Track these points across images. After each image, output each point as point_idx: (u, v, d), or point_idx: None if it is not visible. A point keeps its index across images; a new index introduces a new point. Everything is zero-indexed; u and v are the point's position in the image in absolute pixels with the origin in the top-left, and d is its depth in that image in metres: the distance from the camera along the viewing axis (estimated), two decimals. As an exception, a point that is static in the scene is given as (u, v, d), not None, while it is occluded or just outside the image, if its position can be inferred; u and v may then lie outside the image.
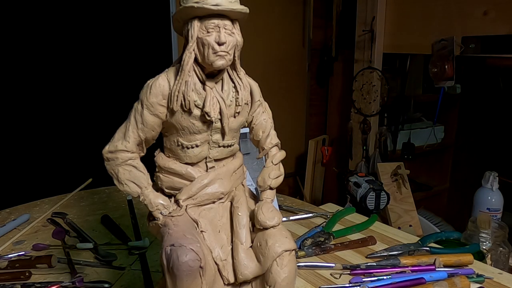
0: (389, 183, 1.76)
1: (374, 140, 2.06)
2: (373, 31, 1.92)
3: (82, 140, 1.45)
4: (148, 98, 0.43)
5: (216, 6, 0.39)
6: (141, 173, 0.46)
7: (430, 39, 1.70)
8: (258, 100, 0.49)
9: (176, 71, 0.43)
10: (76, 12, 1.41)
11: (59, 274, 0.69)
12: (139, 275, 0.69)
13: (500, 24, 1.48)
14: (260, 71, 2.03)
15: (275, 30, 2.11)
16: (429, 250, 0.76)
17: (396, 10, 1.90)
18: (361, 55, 2.01)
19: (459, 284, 0.63)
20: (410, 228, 1.63)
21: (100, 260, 0.72)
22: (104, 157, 0.46)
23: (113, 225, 0.87)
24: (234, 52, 0.43)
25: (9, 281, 0.66)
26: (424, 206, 1.90)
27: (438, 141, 2.12)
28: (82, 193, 1.07)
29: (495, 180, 1.45)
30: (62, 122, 1.44)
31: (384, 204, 1.50)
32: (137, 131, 0.45)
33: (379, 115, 2.04)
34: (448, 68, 1.63)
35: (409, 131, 2.07)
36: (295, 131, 2.32)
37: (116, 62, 1.51)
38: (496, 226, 1.02)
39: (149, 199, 0.46)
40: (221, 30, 0.41)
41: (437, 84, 1.72)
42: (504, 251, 0.98)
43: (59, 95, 1.42)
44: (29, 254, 0.74)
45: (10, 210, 0.97)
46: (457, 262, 0.71)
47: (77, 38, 1.42)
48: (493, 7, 1.51)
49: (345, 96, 2.22)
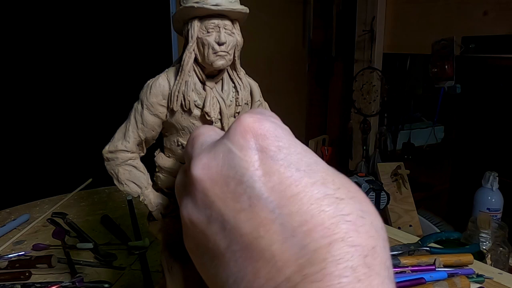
0: (389, 183, 1.76)
1: (374, 140, 2.06)
2: (373, 31, 1.92)
3: (82, 140, 1.45)
4: (148, 98, 0.43)
5: (216, 6, 0.40)
6: (141, 173, 0.46)
7: (430, 39, 1.70)
8: (258, 100, 0.49)
9: (176, 71, 0.44)
10: (76, 12, 1.41)
11: (59, 274, 0.69)
12: (139, 275, 0.69)
13: (500, 24, 1.48)
14: (260, 71, 2.03)
15: (275, 30, 2.11)
16: (429, 250, 0.76)
17: (396, 10, 1.90)
18: (361, 55, 2.02)
19: (459, 284, 0.63)
20: (410, 228, 1.64)
21: (100, 260, 0.72)
22: (104, 157, 0.46)
23: (113, 225, 0.87)
24: (234, 52, 0.43)
25: (9, 281, 0.66)
26: (424, 206, 1.90)
27: (438, 141, 2.12)
28: (82, 193, 1.07)
29: (495, 180, 1.45)
30: (62, 122, 1.44)
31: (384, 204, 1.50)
32: (137, 131, 0.45)
33: (379, 115, 2.05)
34: (448, 68, 1.64)
35: (409, 131, 2.07)
36: (295, 131, 2.27)
37: (116, 62, 1.51)
38: (496, 226, 1.02)
39: (149, 199, 0.46)
40: (221, 30, 0.41)
41: (437, 84, 1.73)
42: (504, 251, 0.98)
43: (59, 95, 1.42)
44: (29, 254, 0.74)
45: (10, 210, 0.97)
46: (457, 262, 0.71)
47: (77, 38, 1.42)
48: (493, 7, 1.51)
49: (345, 96, 2.22)
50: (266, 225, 0.21)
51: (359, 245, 0.20)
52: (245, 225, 0.21)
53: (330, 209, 0.20)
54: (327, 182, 0.22)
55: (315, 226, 0.20)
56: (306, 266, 0.19)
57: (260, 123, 0.24)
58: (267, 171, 0.22)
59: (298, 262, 0.19)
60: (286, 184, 0.21)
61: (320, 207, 0.20)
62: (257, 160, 0.22)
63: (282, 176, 0.22)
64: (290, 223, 0.20)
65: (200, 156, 0.25)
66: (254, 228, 0.21)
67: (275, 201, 0.21)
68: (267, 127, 0.24)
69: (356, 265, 0.19)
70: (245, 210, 0.22)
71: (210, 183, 0.24)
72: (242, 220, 0.22)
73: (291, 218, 0.20)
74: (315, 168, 0.22)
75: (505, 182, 1.52)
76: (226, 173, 0.23)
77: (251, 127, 0.23)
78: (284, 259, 0.20)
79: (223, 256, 0.22)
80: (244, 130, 0.23)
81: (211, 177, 0.24)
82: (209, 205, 0.23)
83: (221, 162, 0.24)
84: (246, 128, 0.23)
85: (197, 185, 0.24)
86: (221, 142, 0.24)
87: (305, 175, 0.22)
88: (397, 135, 2.08)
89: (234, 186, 0.22)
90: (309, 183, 0.21)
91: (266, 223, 0.21)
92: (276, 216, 0.21)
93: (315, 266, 0.19)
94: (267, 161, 0.22)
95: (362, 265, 0.19)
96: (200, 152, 0.26)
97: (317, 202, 0.20)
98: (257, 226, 0.21)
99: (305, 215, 0.20)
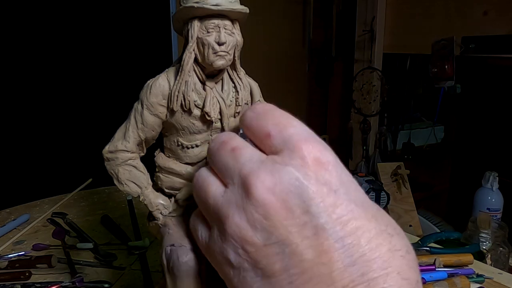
0: (389, 183, 1.76)
1: (374, 140, 2.06)
2: (373, 31, 1.92)
3: (82, 140, 1.45)
4: (148, 98, 0.43)
5: (216, 6, 0.39)
6: (141, 173, 0.46)
7: (430, 39, 1.70)
8: (258, 100, 0.49)
9: (176, 71, 0.44)
10: (76, 12, 1.41)
11: (59, 274, 0.69)
12: (139, 275, 0.69)
13: (500, 24, 1.48)
14: (260, 71, 2.03)
15: (275, 30, 2.11)
16: (429, 250, 0.76)
17: (396, 10, 1.90)
18: (361, 55, 2.02)
19: (459, 284, 0.63)
20: (410, 228, 1.63)
21: (100, 260, 0.72)
22: (104, 157, 0.46)
23: (113, 225, 0.87)
24: (234, 52, 0.43)
25: (9, 281, 0.66)
26: (424, 206, 1.90)
27: (438, 141, 2.12)
28: (82, 193, 1.07)
29: (495, 180, 1.45)
30: (62, 122, 1.44)
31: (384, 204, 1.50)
32: (137, 131, 0.45)
33: (379, 115, 2.04)
34: (448, 68, 1.64)
35: (409, 131, 2.07)
36: None
37: (116, 62, 1.51)
38: (496, 226, 1.02)
39: (149, 199, 0.46)
40: (221, 30, 0.41)
41: (437, 84, 1.73)
42: (504, 251, 0.98)
43: (59, 95, 1.42)
44: (29, 254, 0.74)
45: (10, 210, 0.97)
46: (457, 262, 0.71)
47: (77, 38, 1.42)
48: (493, 7, 1.51)
49: (345, 96, 2.22)
50: (329, 253, 0.23)
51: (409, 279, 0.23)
52: (308, 251, 0.23)
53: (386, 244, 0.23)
54: (378, 219, 0.24)
55: (374, 258, 0.23)
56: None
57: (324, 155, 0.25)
58: (331, 204, 0.24)
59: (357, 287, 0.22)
60: (349, 217, 0.24)
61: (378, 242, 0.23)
62: (324, 193, 0.24)
63: (345, 209, 0.24)
64: (352, 253, 0.23)
65: (261, 178, 0.25)
66: (317, 255, 0.23)
67: (339, 233, 0.23)
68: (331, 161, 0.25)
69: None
70: (309, 238, 0.23)
71: (275, 209, 0.24)
72: (305, 247, 0.23)
73: (353, 249, 0.23)
74: (368, 204, 0.25)
75: (505, 182, 1.52)
76: (293, 201, 0.24)
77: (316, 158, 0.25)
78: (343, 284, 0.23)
79: (276, 277, 0.24)
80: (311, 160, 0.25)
81: (276, 202, 0.24)
82: (271, 229, 0.24)
83: (287, 189, 0.24)
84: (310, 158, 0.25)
85: (258, 208, 0.24)
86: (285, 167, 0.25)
87: (363, 211, 0.24)
88: (397, 135, 2.08)
89: (300, 214, 0.24)
90: (367, 218, 0.24)
91: (329, 251, 0.23)
92: (339, 246, 0.23)
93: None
94: (331, 194, 0.24)
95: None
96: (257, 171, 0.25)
97: (375, 237, 0.23)
98: (320, 253, 0.23)
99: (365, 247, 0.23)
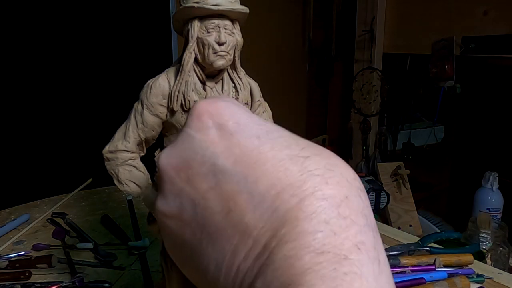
0: (389, 183, 1.76)
1: (374, 140, 2.06)
2: (373, 31, 1.92)
3: (82, 140, 1.45)
4: (148, 98, 0.44)
5: (216, 6, 0.40)
6: (141, 173, 0.46)
7: (430, 39, 1.70)
8: (258, 100, 0.49)
9: (176, 71, 0.44)
10: (76, 12, 1.41)
11: (59, 274, 0.69)
12: (139, 275, 0.69)
13: (500, 24, 1.48)
14: (260, 71, 2.02)
15: (275, 30, 2.11)
16: (429, 250, 0.76)
17: (396, 10, 1.90)
18: (361, 55, 2.02)
19: (459, 284, 0.63)
20: (410, 228, 1.64)
21: (100, 260, 0.72)
22: (104, 157, 0.46)
23: (113, 225, 0.87)
24: (234, 52, 0.43)
25: (9, 281, 0.66)
26: (424, 206, 1.90)
27: (438, 141, 2.12)
28: (82, 193, 1.07)
29: (495, 180, 1.45)
30: (62, 122, 1.44)
31: (384, 204, 1.51)
32: (137, 131, 0.45)
33: (379, 115, 2.05)
34: (448, 68, 1.64)
35: (409, 131, 2.07)
36: (295, 131, 2.24)
37: (116, 62, 1.51)
38: (496, 226, 1.02)
39: (149, 199, 0.46)
40: (221, 30, 0.41)
41: (437, 84, 1.73)
42: (504, 251, 0.98)
43: (59, 95, 1.42)
44: (29, 254, 0.74)
45: (10, 210, 0.97)
46: (457, 262, 0.71)
47: (77, 38, 1.42)
48: (493, 7, 1.51)
49: (345, 96, 2.22)
50: (234, 198, 0.20)
51: (330, 197, 0.19)
52: (215, 203, 0.21)
53: (296, 168, 0.19)
54: (290, 145, 0.21)
55: (283, 187, 0.19)
56: (279, 229, 0.18)
57: (214, 104, 0.24)
58: (228, 146, 0.21)
59: (272, 227, 0.19)
60: (248, 153, 0.21)
61: (286, 168, 0.19)
62: (216, 137, 0.22)
63: (243, 146, 0.21)
64: (258, 190, 0.19)
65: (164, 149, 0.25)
66: (224, 204, 0.20)
67: (240, 172, 0.20)
68: (222, 106, 0.24)
69: (329, 218, 0.18)
70: (212, 189, 0.21)
71: (174, 171, 0.23)
72: (211, 199, 0.21)
73: (258, 185, 0.20)
74: (277, 134, 0.22)
75: (505, 182, 1.52)
76: (188, 157, 0.23)
77: (205, 109, 0.23)
78: (258, 227, 0.19)
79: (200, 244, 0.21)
80: (199, 113, 0.23)
81: (174, 164, 0.23)
82: (178, 193, 0.23)
83: (182, 148, 0.23)
84: (201, 111, 0.23)
85: (163, 176, 0.24)
86: (181, 130, 0.25)
87: (267, 141, 0.21)
88: (397, 135, 2.08)
89: (198, 167, 0.22)
90: (271, 147, 0.21)
91: (233, 196, 0.20)
92: (242, 186, 0.20)
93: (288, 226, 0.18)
94: (227, 136, 0.22)
95: (336, 216, 0.18)
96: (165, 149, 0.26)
97: (282, 164, 0.20)
98: (226, 201, 0.20)
99: (271, 178, 0.19)
